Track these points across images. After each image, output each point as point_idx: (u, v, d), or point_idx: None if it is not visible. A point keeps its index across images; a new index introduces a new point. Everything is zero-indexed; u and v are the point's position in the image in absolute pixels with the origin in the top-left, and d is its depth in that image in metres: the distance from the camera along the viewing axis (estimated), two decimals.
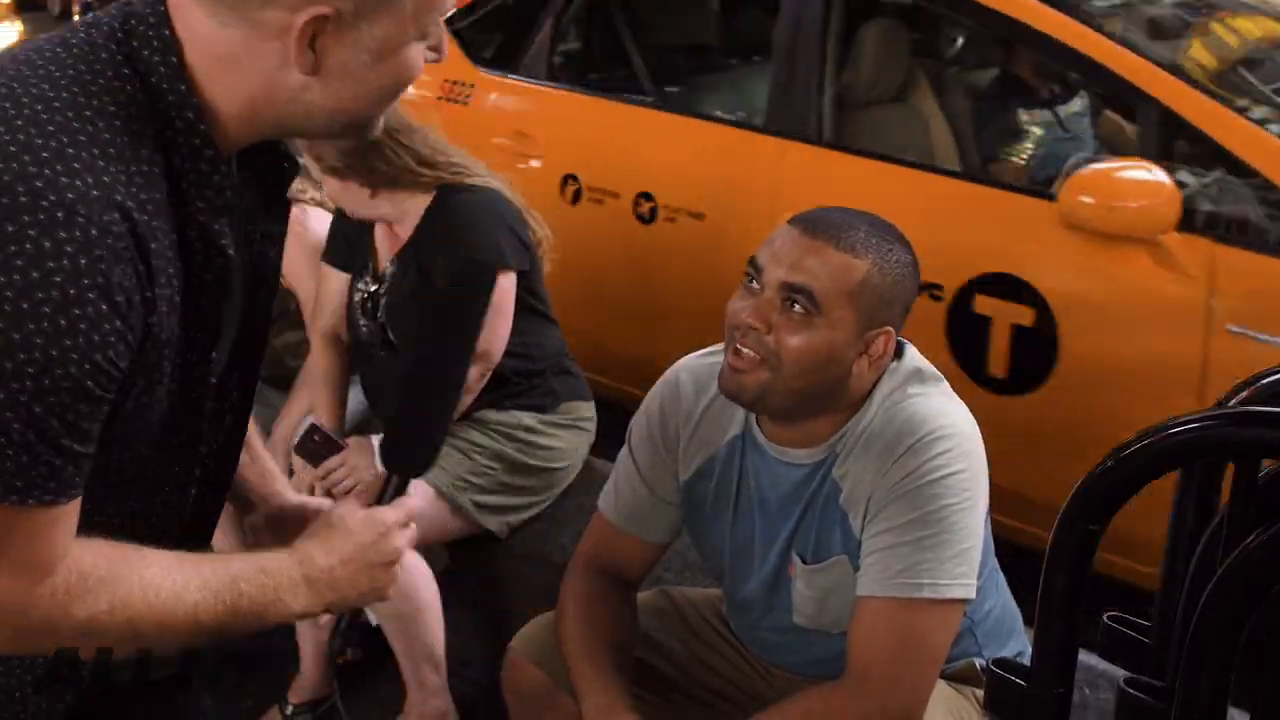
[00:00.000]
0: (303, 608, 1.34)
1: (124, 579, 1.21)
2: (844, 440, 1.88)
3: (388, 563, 1.39)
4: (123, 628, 1.21)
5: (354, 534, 1.37)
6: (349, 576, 1.36)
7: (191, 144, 1.17)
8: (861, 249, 1.80)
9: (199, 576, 1.25)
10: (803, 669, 2.03)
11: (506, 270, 2.78)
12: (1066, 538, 1.10)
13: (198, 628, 1.25)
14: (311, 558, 1.34)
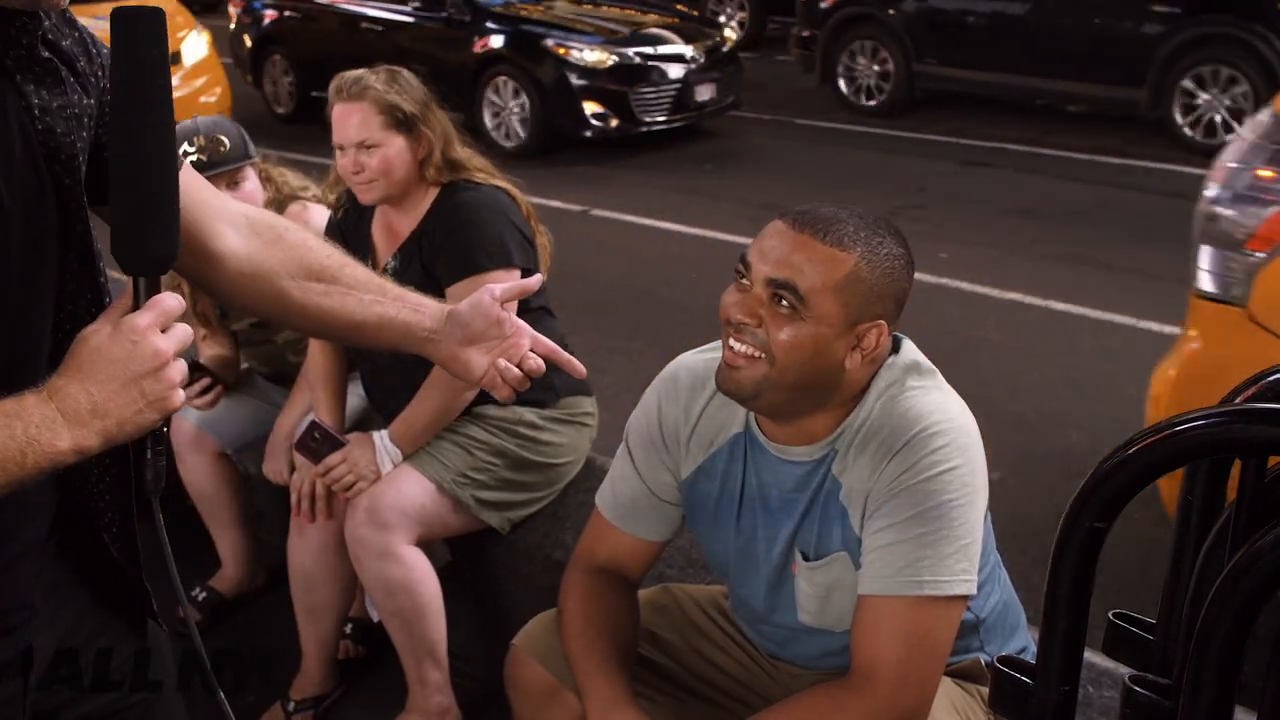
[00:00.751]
0: (72, 443, 1.19)
1: None
2: (843, 437, 1.88)
3: (153, 370, 1.22)
4: None
5: (104, 350, 1.21)
6: (113, 397, 1.20)
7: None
8: (849, 242, 1.79)
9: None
10: (808, 664, 2.03)
11: (510, 268, 2.78)
12: (1072, 534, 1.09)
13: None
14: (61, 389, 1.20)
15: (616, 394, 4.39)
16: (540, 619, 2.14)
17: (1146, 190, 8.17)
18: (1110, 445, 1.07)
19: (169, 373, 1.23)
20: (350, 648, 3.14)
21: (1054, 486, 4.13)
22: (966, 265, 6.45)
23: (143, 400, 1.22)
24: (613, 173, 8.95)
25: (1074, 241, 7.03)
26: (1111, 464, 1.07)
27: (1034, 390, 5.05)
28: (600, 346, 5.23)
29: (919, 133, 9.96)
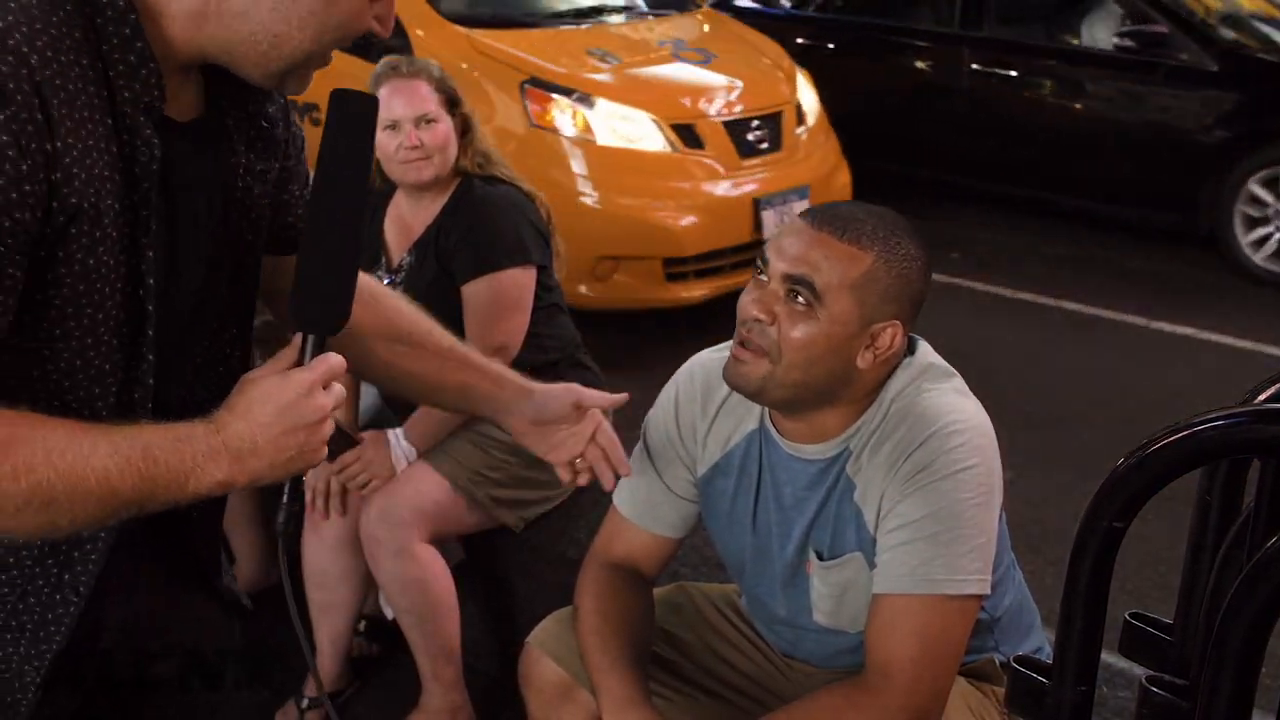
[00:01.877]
0: (225, 476, 1.26)
1: (25, 440, 1.17)
2: (857, 436, 1.88)
3: (312, 424, 1.30)
4: (30, 493, 1.16)
5: (272, 397, 1.28)
6: (272, 441, 1.27)
7: (122, 33, 1.18)
8: (867, 241, 1.79)
9: (109, 443, 1.20)
10: (822, 664, 2.03)
11: (528, 265, 2.78)
12: (1090, 534, 1.09)
13: (114, 496, 1.20)
14: (229, 425, 1.27)
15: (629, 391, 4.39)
16: (555, 616, 2.14)
17: None
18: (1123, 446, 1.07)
19: (324, 428, 1.32)
20: (364, 645, 3.14)
21: (1066, 487, 4.12)
22: (979, 265, 6.44)
23: (295, 449, 1.30)
24: None
25: (1086, 241, 7.01)
26: (1130, 464, 1.07)
27: (1046, 390, 5.04)
28: (612, 345, 5.22)
29: None
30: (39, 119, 1.10)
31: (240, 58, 1.24)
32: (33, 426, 1.18)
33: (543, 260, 2.83)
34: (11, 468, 1.16)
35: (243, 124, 1.34)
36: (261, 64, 1.25)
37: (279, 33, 1.22)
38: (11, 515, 1.18)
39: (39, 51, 1.11)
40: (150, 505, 1.25)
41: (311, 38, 1.23)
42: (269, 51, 1.23)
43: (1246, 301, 6.01)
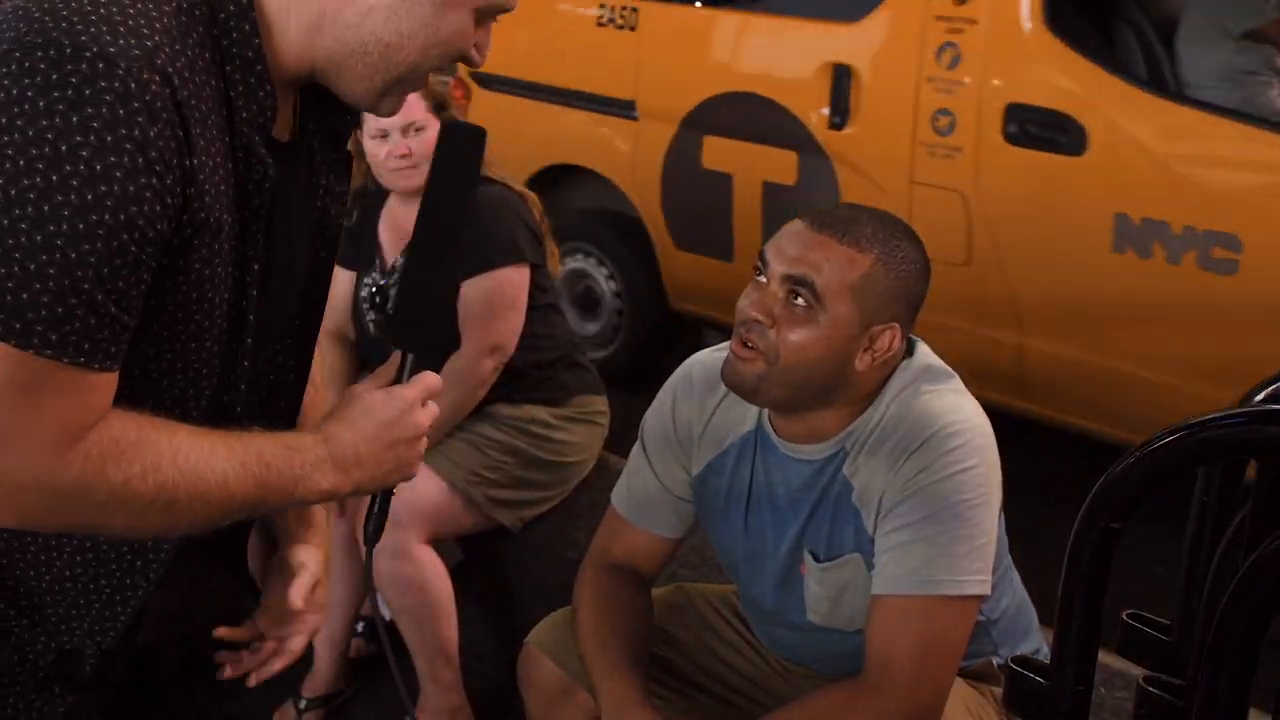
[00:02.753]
0: (331, 485, 1.32)
1: (153, 443, 1.21)
2: (854, 437, 1.88)
3: (411, 439, 1.37)
4: (156, 493, 1.20)
5: (375, 411, 1.35)
6: (374, 454, 1.34)
7: (245, 55, 1.22)
8: (866, 244, 1.80)
9: (226, 447, 1.25)
10: (818, 665, 2.03)
11: (521, 264, 2.78)
12: (1087, 535, 1.09)
13: (230, 500, 1.25)
14: (336, 436, 1.33)
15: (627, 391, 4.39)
16: (554, 617, 2.15)
17: None
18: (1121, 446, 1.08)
19: (420, 444, 1.39)
20: (362, 646, 3.14)
21: (1063, 487, 4.11)
22: None
23: (394, 463, 1.36)
24: None
25: None
26: (1127, 464, 1.08)
27: None
28: None
29: None
30: (180, 136, 1.14)
31: (349, 70, 1.28)
32: (159, 429, 1.22)
33: (536, 259, 2.83)
34: (141, 468, 1.20)
35: (325, 146, 1.38)
36: (367, 77, 1.28)
37: (390, 43, 1.25)
38: (138, 514, 1.22)
39: (179, 72, 1.14)
40: (258, 510, 1.31)
41: (419, 49, 1.27)
42: (377, 63, 1.27)
43: None
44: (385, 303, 2.87)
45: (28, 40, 1.09)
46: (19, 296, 1.09)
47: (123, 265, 1.12)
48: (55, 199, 1.08)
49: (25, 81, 1.08)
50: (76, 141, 1.08)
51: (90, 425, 1.17)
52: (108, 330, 1.14)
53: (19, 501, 1.17)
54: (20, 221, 1.08)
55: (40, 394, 1.13)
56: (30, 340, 1.10)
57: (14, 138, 1.07)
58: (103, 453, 1.18)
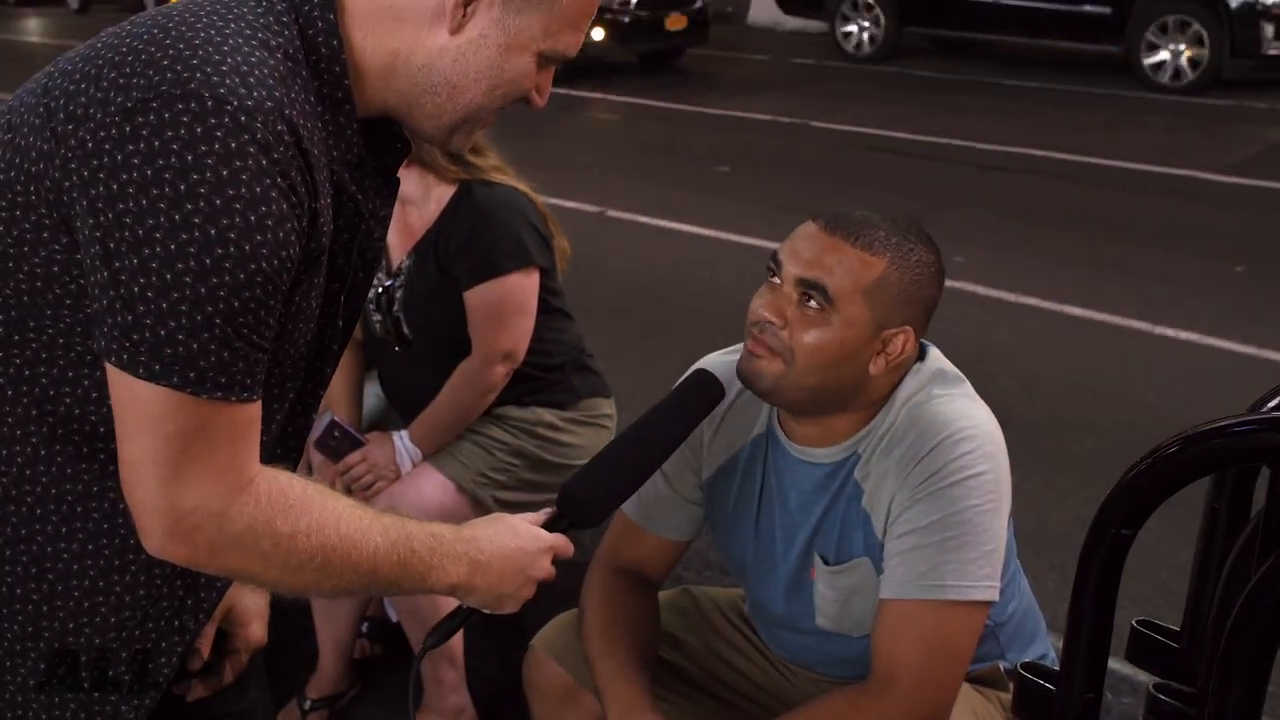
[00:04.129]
0: (458, 580, 1.41)
1: (318, 505, 1.26)
2: (866, 441, 1.88)
3: (532, 578, 1.48)
4: (315, 552, 1.25)
5: (520, 537, 1.48)
6: (500, 572, 1.44)
7: (335, 96, 1.26)
8: (879, 247, 1.80)
9: (379, 523, 1.32)
10: (825, 670, 2.03)
11: (530, 268, 2.78)
12: (1098, 542, 1.09)
13: (374, 574, 1.31)
14: (478, 540, 1.44)
15: (631, 394, 4.38)
16: (559, 619, 2.14)
17: (1163, 195, 8.16)
18: (1126, 451, 1.07)
19: (531, 589, 1.52)
20: (367, 647, 3.14)
21: (1069, 491, 4.12)
22: (983, 269, 6.44)
23: (511, 589, 1.48)
24: (627, 173, 8.95)
25: (1091, 246, 7.01)
26: (1138, 471, 1.07)
27: (1049, 395, 5.04)
28: (615, 348, 5.22)
29: (937, 136, 9.95)
30: (308, 180, 1.19)
31: (419, 110, 1.33)
32: (322, 492, 1.29)
33: (544, 262, 2.83)
34: (306, 525, 1.25)
35: (376, 174, 1.40)
36: (436, 116, 1.33)
37: (457, 84, 1.30)
38: (294, 570, 1.27)
39: (299, 121, 1.19)
40: (392, 590, 1.38)
41: (484, 91, 1.31)
42: (445, 103, 1.32)
43: (1251, 307, 6.01)
44: (392, 304, 2.87)
45: (164, 90, 1.12)
46: (190, 346, 1.14)
47: (274, 304, 1.18)
48: (216, 251, 1.12)
49: (168, 134, 1.11)
50: (230, 194, 1.12)
51: (256, 461, 1.23)
52: (260, 363, 1.20)
53: (192, 539, 1.21)
54: (185, 275, 1.12)
55: (213, 433, 1.19)
56: (204, 386, 1.16)
57: (164, 190, 1.11)
58: (271, 503, 1.23)
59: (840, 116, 10.80)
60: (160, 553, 1.24)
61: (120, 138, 1.12)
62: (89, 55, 1.20)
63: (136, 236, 1.12)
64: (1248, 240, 7.09)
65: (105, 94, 1.14)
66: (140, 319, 1.13)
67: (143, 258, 1.12)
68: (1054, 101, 11.38)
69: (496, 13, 1.27)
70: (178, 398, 1.16)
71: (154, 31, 1.18)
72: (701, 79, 12.97)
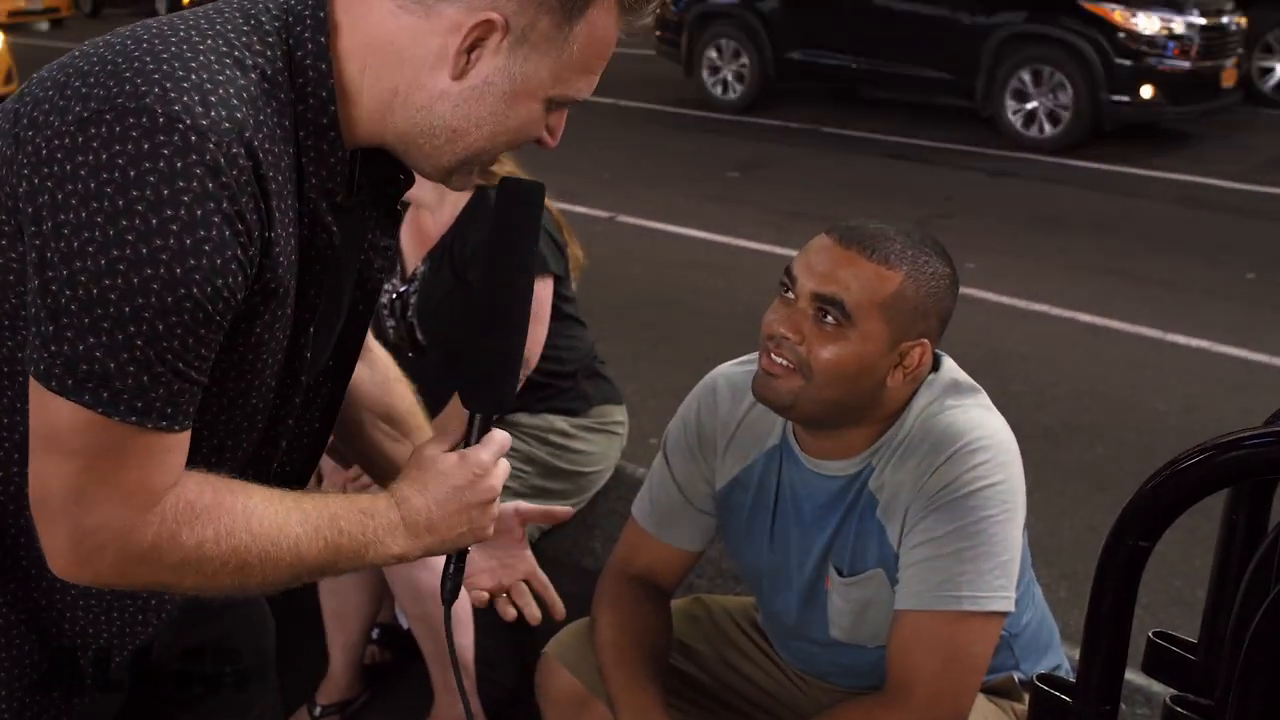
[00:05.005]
0: (402, 550, 1.34)
1: (228, 507, 1.23)
2: (880, 452, 1.88)
3: (484, 502, 1.38)
4: (228, 556, 1.23)
5: (448, 475, 1.36)
6: (446, 518, 1.36)
7: (319, 122, 1.22)
8: (895, 260, 1.79)
9: (299, 511, 1.28)
10: (839, 680, 2.03)
11: (545, 275, 2.78)
12: (1116, 553, 1.08)
13: (300, 563, 1.27)
14: (408, 499, 1.35)
15: (643, 400, 4.39)
16: (572, 627, 2.14)
17: (1173, 202, 8.14)
18: (1136, 459, 1.07)
19: (493, 508, 1.40)
20: (377, 653, 3.14)
21: (1080, 499, 4.11)
22: (994, 276, 6.44)
23: (467, 526, 1.38)
24: (638, 179, 8.96)
25: (1101, 253, 7.00)
26: (1155, 484, 1.07)
27: (1060, 402, 5.03)
28: (626, 353, 5.23)
29: (947, 143, 9.95)
30: (261, 209, 1.16)
31: (416, 149, 1.29)
32: (233, 493, 1.25)
33: (559, 270, 2.83)
34: (214, 532, 1.22)
35: (377, 204, 1.38)
36: (434, 157, 1.29)
37: (457, 129, 1.26)
38: (210, 577, 1.24)
39: (262, 145, 1.15)
40: (328, 573, 1.33)
41: (487, 137, 1.27)
42: (444, 146, 1.27)
43: (1262, 314, 5.99)
44: (406, 310, 2.87)
45: (119, 103, 1.10)
46: (106, 365, 1.11)
47: (206, 334, 1.14)
48: (145, 272, 1.09)
49: (115, 148, 1.09)
50: (167, 215, 1.09)
51: (169, 485, 1.20)
52: (187, 394, 1.17)
53: (95, 560, 1.19)
54: (110, 292, 1.09)
55: (122, 457, 1.16)
56: (116, 408, 1.12)
57: (103, 205, 1.08)
58: (177, 516, 1.20)
59: (849, 122, 10.80)
60: (67, 575, 1.22)
61: (72, 147, 1.10)
62: (65, 63, 1.18)
63: (71, 248, 1.09)
64: (1259, 247, 7.08)
65: (67, 102, 1.12)
66: (61, 331, 1.11)
67: (72, 270, 1.09)
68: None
69: (502, 60, 1.22)
70: (88, 416, 1.13)
71: (127, 43, 1.16)
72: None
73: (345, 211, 1.31)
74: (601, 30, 1.24)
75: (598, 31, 1.24)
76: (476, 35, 1.20)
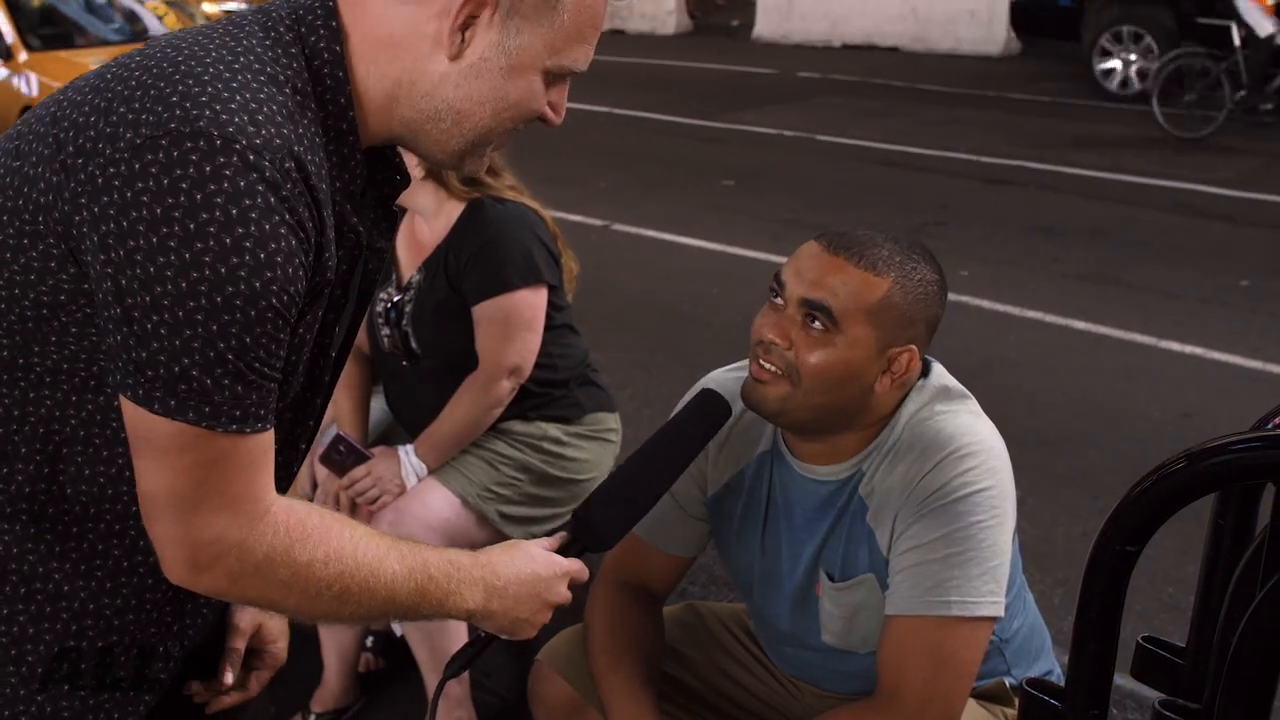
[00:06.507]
0: (476, 606, 1.41)
1: (336, 533, 1.28)
2: (870, 458, 1.88)
3: (550, 602, 1.48)
4: (333, 579, 1.27)
5: (536, 562, 1.46)
6: (517, 598, 1.44)
7: (339, 127, 1.26)
8: (883, 267, 1.80)
9: (396, 550, 1.33)
10: (830, 686, 2.03)
11: (539, 285, 2.78)
12: (1103, 558, 1.09)
13: (393, 600, 1.32)
14: (494, 565, 1.43)
15: (638, 409, 4.39)
16: (565, 634, 2.14)
17: (1167, 209, 8.16)
18: (1131, 466, 1.08)
19: (548, 615, 1.50)
20: (371, 660, 3.15)
21: (1074, 506, 4.11)
22: (988, 283, 6.45)
23: (527, 613, 1.47)
24: (633, 188, 8.97)
25: (1095, 260, 7.02)
26: (1143, 489, 1.08)
27: (1054, 409, 5.04)
28: (622, 362, 5.23)
29: (941, 150, 9.97)
30: (315, 217, 1.20)
31: (425, 136, 1.32)
32: (340, 521, 1.30)
33: (553, 280, 2.84)
34: (324, 554, 1.27)
35: (375, 205, 1.40)
36: (443, 141, 1.32)
37: (461, 110, 1.29)
38: (312, 598, 1.28)
39: (306, 157, 1.19)
40: (412, 616, 1.39)
41: (491, 113, 1.31)
42: (451, 129, 1.31)
43: (1256, 322, 6.01)
44: (401, 319, 2.87)
45: (173, 128, 1.13)
46: (203, 381, 1.15)
47: (284, 337, 1.19)
48: (227, 289, 1.13)
49: (177, 173, 1.12)
50: (239, 233, 1.12)
51: (271, 488, 1.24)
52: (270, 395, 1.21)
53: (212, 570, 1.23)
54: (196, 313, 1.13)
55: (229, 465, 1.20)
56: (219, 420, 1.17)
57: (174, 229, 1.11)
58: (290, 532, 1.25)
59: (844, 130, 10.82)
60: (183, 583, 1.25)
61: (130, 174, 1.12)
62: (99, 86, 1.20)
63: (148, 274, 1.12)
64: (1253, 254, 7.10)
65: (115, 129, 1.14)
66: (154, 355, 1.15)
67: (154, 295, 1.13)
68: (1060, 115, 11.40)
69: (495, 35, 1.26)
70: (194, 432, 1.17)
71: (164, 65, 1.18)
72: (704, 93, 13.00)
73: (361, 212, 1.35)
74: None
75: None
76: (469, 12, 1.24)
